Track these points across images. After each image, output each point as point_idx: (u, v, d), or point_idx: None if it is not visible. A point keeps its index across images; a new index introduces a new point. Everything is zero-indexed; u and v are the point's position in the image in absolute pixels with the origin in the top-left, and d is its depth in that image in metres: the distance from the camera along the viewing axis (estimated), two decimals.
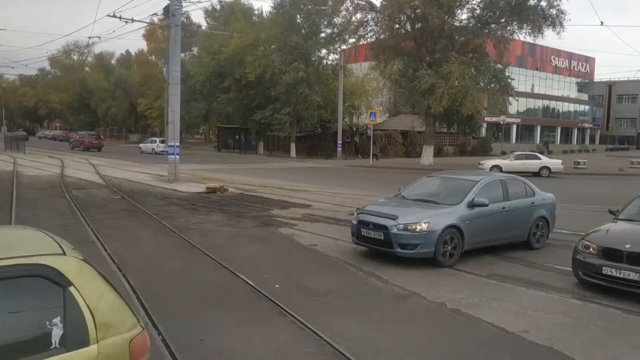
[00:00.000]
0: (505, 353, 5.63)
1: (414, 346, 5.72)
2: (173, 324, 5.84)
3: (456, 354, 5.58)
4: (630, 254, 7.10)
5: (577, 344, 5.70)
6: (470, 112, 33.19)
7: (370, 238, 9.06)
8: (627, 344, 5.83)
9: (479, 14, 33.86)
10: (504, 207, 9.72)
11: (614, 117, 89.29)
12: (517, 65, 69.63)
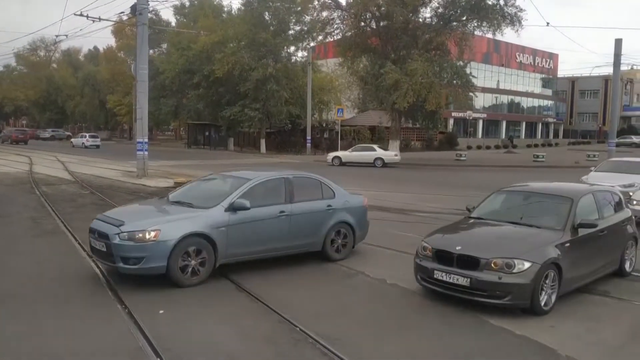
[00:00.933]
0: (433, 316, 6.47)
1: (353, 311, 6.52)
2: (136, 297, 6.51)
3: (389, 315, 6.40)
4: (460, 257, 6.60)
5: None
6: (433, 108, 34.20)
7: (97, 250, 7.38)
8: None
9: (441, 12, 34.95)
10: (282, 211, 8.17)
11: (577, 112, 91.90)
12: (483, 62, 71.40)
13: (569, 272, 6.78)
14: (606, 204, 8.23)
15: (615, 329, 6.26)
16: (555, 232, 6.97)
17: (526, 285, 6.27)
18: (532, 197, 8.22)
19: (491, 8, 32.72)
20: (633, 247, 8.64)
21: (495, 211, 8.00)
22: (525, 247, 6.59)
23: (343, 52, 37.45)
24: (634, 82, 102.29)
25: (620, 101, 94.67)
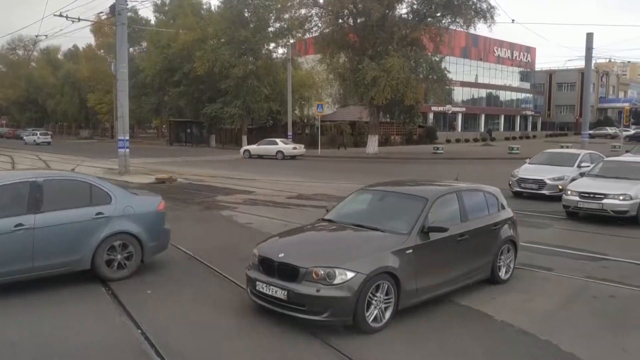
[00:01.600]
0: None
1: None
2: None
3: None
4: (280, 266, 5.85)
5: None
6: (411, 103, 34.98)
7: None
8: None
9: (416, 9, 35.72)
10: (21, 224, 6.53)
11: (555, 105, 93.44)
12: (461, 56, 72.49)
13: (412, 282, 6.04)
14: (476, 204, 7.42)
15: (549, 299, 7.01)
16: (399, 236, 6.23)
17: (347, 299, 5.48)
18: (388, 197, 7.44)
19: (464, 4, 33.53)
20: (510, 252, 7.77)
21: (349, 213, 7.21)
22: (354, 255, 5.89)
23: (322, 49, 38.02)
24: (609, 75, 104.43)
25: (596, 93, 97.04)
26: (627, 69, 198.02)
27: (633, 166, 13.44)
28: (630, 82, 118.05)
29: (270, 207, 14.28)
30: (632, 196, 11.79)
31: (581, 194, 12.34)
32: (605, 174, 13.32)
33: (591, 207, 12.17)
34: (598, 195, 12.08)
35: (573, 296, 7.20)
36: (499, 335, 5.87)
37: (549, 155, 17.88)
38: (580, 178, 14.10)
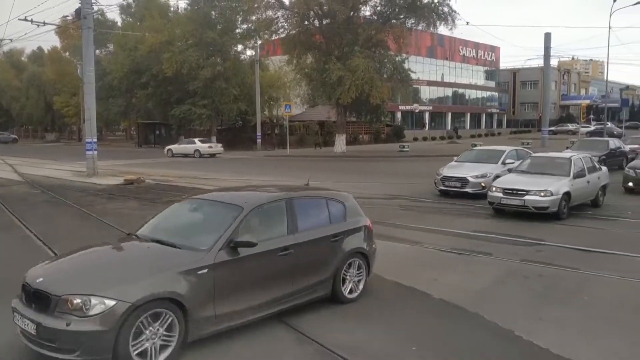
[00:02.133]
0: None
1: None
2: None
3: None
4: (35, 292, 4.78)
5: None
6: (377, 102, 35.83)
7: None
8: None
9: (380, 11, 36.59)
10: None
11: (519, 102, 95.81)
12: (427, 56, 73.95)
13: (208, 308, 5.09)
14: (312, 214, 6.51)
15: (484, 279, 7.77)
16: (195, 254, 5.26)
17: (103, 334, 4.44)
18: (204, 206, 6.51)
19: (426, 7, 34.56)
20: (361, 267, 6.79)
21: (161, 226, 6.20)
22: (124, 278, 4.84)
23: (289, 50, 38.61)
24: (571, 73, 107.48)
25: (559, 90, 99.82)
26: (590, 66, 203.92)
27: (558, 162, 13.53)
28: (592, 80, 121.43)
29: None
30: (553, 192, 11.85)
31: (505, 191, 12.39)
32: (531, 170, 13.45)
33: (513, 203, 12.21)
34: (520, 192, 12.10)
35: (506, 276, 7.98)
36: (435, 310, 6.59)
37: (477, 153, 17.96)
38: (506, 174, 14.15)
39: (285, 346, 5.48)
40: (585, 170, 13.21)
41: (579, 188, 12.69)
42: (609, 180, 14.66)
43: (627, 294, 7.07)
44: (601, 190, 14.05)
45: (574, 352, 5.21)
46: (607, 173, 14.71)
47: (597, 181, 13.83)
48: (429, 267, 8.38)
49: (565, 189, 12.14)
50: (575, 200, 12.60)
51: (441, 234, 10.91)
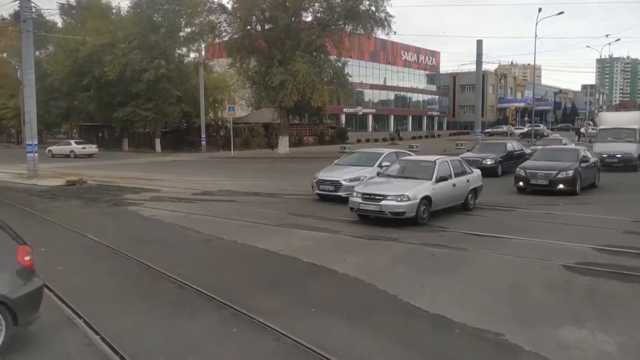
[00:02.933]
0: (265, 263, 8.95)
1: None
2: None
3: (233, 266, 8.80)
4: None
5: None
6: (318, 105, 37.07)
7: None
8: None
9: (320, 17, 37.84)
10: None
11: (459, 105, 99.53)
12: (371, 60, 76.18)
13: None
14: None
15: (385, 259, 9.06)
16: None
17: None
18: None
19: (364, 13, 36.05)
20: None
21: None
22: None
23: (232, 53, 39.26)
24: (507, 77, 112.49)
25: (496, 93, 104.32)
26: (527, 71, 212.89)
27: (422, 166, 13.13)
28: (527, 83, 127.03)
29: (175, 202, 15.70)
30: (410, 197, 11.46)
31: (363, 196, 11.90)
32: (396, 174, 13.11)
33: (371, 208, 11.74)
34: (377, 197, 11.67)
35: (404, 256, 9.31)
36: (338, 282, 7.79)
37: (357, 156, 17.79)
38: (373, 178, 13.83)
39: (201, 305, 6.55)
40: (451, 174, 12.88)
41: (443, 192, 12.43)
42: (481, 183, 14.37)
43: (498, 267, 8.49)
44: (472, 193, 13.78)
45: (442, 309, 6.48)
46: (478, 176, 14.35)
47: (466, 184, 13.54)
48: (342, 250, 9.60)
49: (424, 193, 11.84)
50: (438, 205, 12.33)
51: (358, 223, 12.18)
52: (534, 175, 16.57)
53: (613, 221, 12.07)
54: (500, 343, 5.51)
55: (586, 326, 5.89)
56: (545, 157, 18.13)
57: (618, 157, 23.59)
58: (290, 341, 5.50)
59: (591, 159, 18.29)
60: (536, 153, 20.10)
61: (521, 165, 17.92)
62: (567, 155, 17.55)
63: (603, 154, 23.40)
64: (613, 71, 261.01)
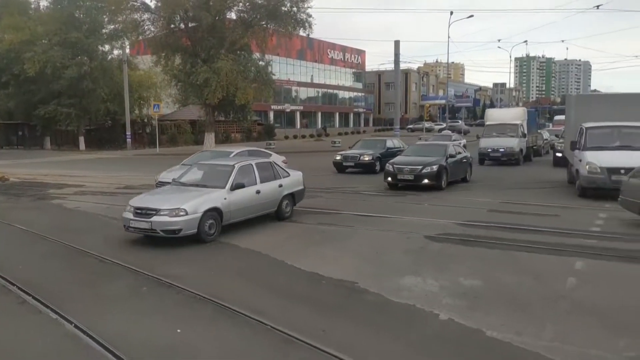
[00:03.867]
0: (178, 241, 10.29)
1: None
2: None
3: None
4: None
5: None
6: (242, 102, 38.22)
7: None
8: None
9: (244, 17, 39.00)
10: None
11: (384, 102, 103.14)
12: (298, 58, 77.80)
13: None
14: None
15: (282, 236, 10.66)
16: None
17: None
18: None
19: (285, 14, 37.58)
20: None
21: None
22: None
23: (156, 51, 39.69)
24: (429, 75, 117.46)
25: (418, 91, 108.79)
26: (451, 69, 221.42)
27: (218, 170, 11.29)
28: (448, 81, 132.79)
29: (98, 195, 16.65)
30: (188, 210, 9.61)
31: (135, 211, 9.83)
32: (190, 181, 11.32)
33: (141, 226, 9.68)
34: (150, 212, 9.63)
35: (301, 233, 10.95)
36: (238, 254, 9.30)
37: (210, 154, 17.39)
38: None
39: (119, 273, 7.89)
40: (256, 179, 11.36)
41: (241, 201, 10.77)
42: (302, 187, 13.03)
43: (373, 239, 10.26)
44: (288, 200, 12.27)
45: (317, 269, 8.09)
46: (297, 180, 12.84)
47: (278, 190, 11.94)
48: (252, 230, 11.05)
49: (210, 204, 10.01)
50: (235, 216, 10.71)
51: None
52: (400, 171, 17.02)
53: (482, 202, 14.29)
54: (354, 289, 7.21)
55: (422, 275, 7.71)
56: (415, 152, 18.88)
57: (501, 152, 25.14)
58: (190, 293, 6.97)
59: (461, 154, 19.01)
60: (407, 149, 20.68)
61: (391, 161, 18.08)
62: (435, 151, 18.14)
63: (488, 148, 25.44)
64: (530, 70, 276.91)
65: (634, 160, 12.86)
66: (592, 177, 14.19)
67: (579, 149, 15.21)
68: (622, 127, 15.17)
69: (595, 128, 15.29)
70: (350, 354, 5.12)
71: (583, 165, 14.49)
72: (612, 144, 14.74)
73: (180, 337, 5.67)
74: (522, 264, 8.27)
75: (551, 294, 6.85)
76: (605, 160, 14.01)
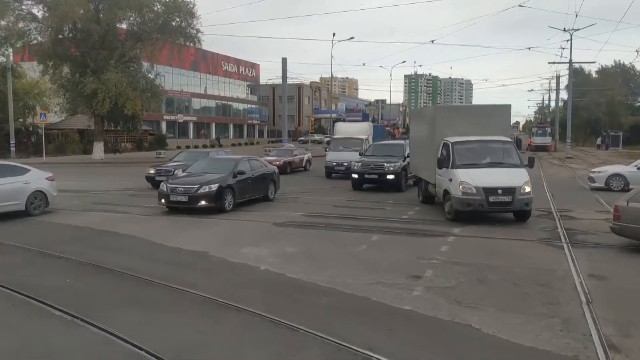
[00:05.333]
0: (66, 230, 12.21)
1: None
2: None
3: None
4: None
5: None
6: (132, 112, 39.33)
7: None
8: None
9: (135, 31, 40.27)
10: None
11: (278, 114, 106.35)
12: (191, 69, 78.90)
13: None
14: None
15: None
16: None
17: None
18: None
19: (175, 29, 39.41)
20: None
21: None
22: None
23: (43, 60, 39.58)
24: (321, 89, 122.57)
25: (311, 105, 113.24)
26: (346, 83, 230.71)
27: None
28: (340, 96, 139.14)
29: None
30: None
31: None
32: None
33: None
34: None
35: (187, 225, 13.27)
36: (121, 238, 11.47)
37: None
38: None
39: (11, 251, 9.83)
40: None
41: None
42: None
43: (232, 227, 12.87)
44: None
45: (179, 245, 10.50)
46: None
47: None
48: (134, 223, 13.20)
49: None
50: None
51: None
52: (174, 191, 14.41)
53: (327, 200, 17.42)
54: (203, 255, 9.80)
55: (259, 246, 10.43)
56: (200, 169, 16.31)
57: (345, 165, 24.04)
58: (77, 261, 9.17)
59: (260, 169, 16.96)
60: (193, 165, 17.40)
61: (167, 179, 15.99)
62: (222, 167, 15.81)
63: (333, 162, 25.55)
64: (418, 87, 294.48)
65: (510, 179, 12.58)
66: (466, 199, 12.56)
67: (446, 167, 13.46)
68: (489, 141, 13.95)
69: (461, 143, 13.69)
70: (191, 287, 7.61)
71: (455, 186, 12.81)
72: (482, 161, 13.41)
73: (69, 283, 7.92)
74: (335, 239, 11.29)
75: (343, 254, 9.83)
76: (479, 179, 12.62)
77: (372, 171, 20.17)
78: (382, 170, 19.95)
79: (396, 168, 19.82)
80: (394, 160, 20.17)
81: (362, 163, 20.63)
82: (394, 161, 20.13)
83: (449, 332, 6.00)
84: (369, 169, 20.28)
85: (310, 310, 6.68)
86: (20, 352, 5.55)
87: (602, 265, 9.02)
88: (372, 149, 22.59)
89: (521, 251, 10.13)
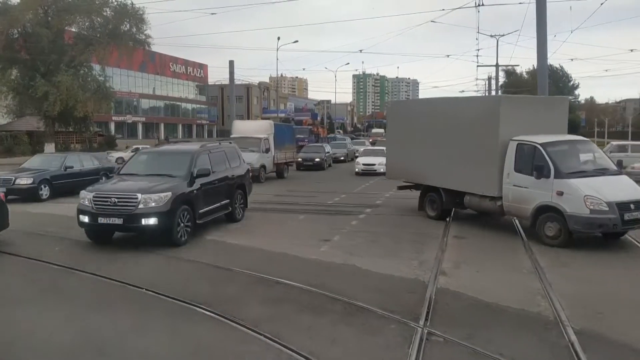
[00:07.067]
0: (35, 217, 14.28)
1: None
2: None
3: None
4: None
5: None
6: (82, 114, 40.55)
7: None
8: None
9: (84, 35, 41.46)
10: None
11: (227, 115, 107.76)
12: (139, 70, 79.61)
13: None
14: None
15: None
16: None
17: None
18: None
19: (124, 34, 40.90)
20: None
21: None
22: None
23: None
24: (270, 89, 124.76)
25: (260, 104, 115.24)
26: (296, 83, 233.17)
27: None
28: (290, 96, 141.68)
29: None
30: None
31: None
32: None
33: None
34: None
35: None
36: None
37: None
38: None
39: None
40: None
41: None
42: None
43: None
44: None
45: None
46: None
47: None
48: None
49: None
50: None
51: None
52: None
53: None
54: None
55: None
56: None
57: None
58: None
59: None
60: None
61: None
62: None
63: None
64: (366, 86, 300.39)
65: (636, 190, 10.40)
66: (597, 219, 9.84)
67: (546, 177, 10.47)
68: (576, 141, 11.75)
69: (553, 144, 10.91)
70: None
71: (574, 202, 10.04)
72: (588, 168, 10.94)
73: None
74: (283, 219, 13.84)
75: (278, 221, 12.45)
76: (607, 192, 10.02)
77: (112, 212, 10.19)
78: (132, 208, 10.10)
79: (165, 202, 10.17)
80: (161, 187, 10.49)
81: (95, 194, 10.51)
82: (164, 188, 10.43)
83: (338, 269, 8.72)
84: (107, 207, 10.25)
85: (246, 262, 9.26)
86: None
87: (467, 230, 12.01)
88: (139, 162, 12.54)
89: (416, 223, 13.02)
